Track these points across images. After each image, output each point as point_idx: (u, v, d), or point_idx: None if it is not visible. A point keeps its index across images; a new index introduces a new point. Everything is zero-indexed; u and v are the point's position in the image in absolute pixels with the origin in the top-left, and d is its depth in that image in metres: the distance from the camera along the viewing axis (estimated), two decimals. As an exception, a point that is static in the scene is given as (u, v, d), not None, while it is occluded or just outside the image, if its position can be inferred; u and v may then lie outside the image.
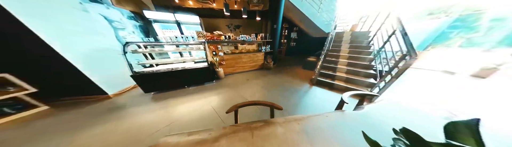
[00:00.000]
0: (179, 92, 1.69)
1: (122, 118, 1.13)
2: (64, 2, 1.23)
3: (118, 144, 0.86)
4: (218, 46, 2.16)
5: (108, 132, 0.96)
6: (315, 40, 3.93)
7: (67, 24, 1.22)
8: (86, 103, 1.39)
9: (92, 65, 1.34)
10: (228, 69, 2.41)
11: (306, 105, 1.39)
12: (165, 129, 0.99)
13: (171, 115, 1.19)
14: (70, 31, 1.24)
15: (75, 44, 1.25)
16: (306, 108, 1.33)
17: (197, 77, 1.85)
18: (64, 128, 1.02)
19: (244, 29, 4.46)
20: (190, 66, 1.78)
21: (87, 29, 1.37)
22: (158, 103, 1.40)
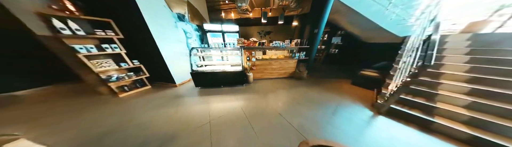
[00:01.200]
0: (216, 90, 1.98)
1: (180, 104, 1.53)
2: (170, 23, 1.92)
3: (176, 123, 1.18)
4: (252, 52, 2.33)
5: (173, 113, 1.35)
6: (371, 46, 2.94)
7: (168, 35, 1.87)
8: (166, 87, 2.08)
9: (172, 62, 1.97)
10: (257, 75, 2.46)
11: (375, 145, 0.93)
12: (207, 126, 1.13)
13: (210, 113, 1.34)
14: (169, 40, 1.89)
15: (168, 48, 1.88)
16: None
17: (231, 79, 2.04)
18: (156, 104, 1.56)
19: (275, 35, 4.74)
20: (228, 69, 2.01)
21: (175, 38, 2.02)
22: (202, 97, 1.74)
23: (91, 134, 1.03)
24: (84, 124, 1.16)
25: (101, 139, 0.98)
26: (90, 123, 1.17)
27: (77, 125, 1.16)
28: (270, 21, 3.56)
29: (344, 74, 2.88)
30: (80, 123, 1.18)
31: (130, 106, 1.48)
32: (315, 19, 2.29)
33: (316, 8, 2.28)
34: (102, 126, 1.14)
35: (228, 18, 3.82)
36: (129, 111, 1.38)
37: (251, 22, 3.95)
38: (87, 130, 1.08)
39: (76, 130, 1.09)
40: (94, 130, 1.08)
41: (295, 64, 2.57)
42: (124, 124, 1.16)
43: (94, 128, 1.11)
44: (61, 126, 1.14)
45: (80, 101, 1.59)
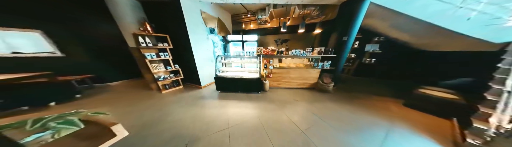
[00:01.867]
0: (233, 94, 2.08)
1: (204, 105, 1.71)
2: (203, 36, 2.33)
3: (200, 123, 1.32)
4: (270, 60, 2.33)
5: (198, 113, 1.52)
6: (435, 56, 2.21)
7: (201, 45, 2.27)
8: (193, 88, 2.43)
9: (201, 67, 2.31)
10: (273, 83, 2.38)
11: None
12: (225, 131, 1.16)
13: (229, 118, 1.39)
14: (201, 49, 2.28)
15: (200, 55, 2.26)
16: None
17: (247, 86, 2.09)
18: (185, 102, 1.84)
19: (293, 42, 4.43)
20: (245, 75, 2.10)
21: (205, 47, 2.40)
22: (221, 101, 1.87)
23: (139, 122, 1.33)
24: (136, 112, 1.52)
25: (144, 127, 1.23)
26: (139, 112, 1.53)
27: (132, 112, 1.54)
28: (288, 30, 3.57)
29: (388, 91, 2.25)
30: (133, 111, 1.56)
31: (168, 102, 1.83)
32: (344, 25, 2.03)
33: (344, 14, 2.03)
34: (146, 116, 1.44)
35: (248, 28, 4.23)
36: (167, 106, 1.70)
37: (268, 31, 4.20)
38: (138, 118, 1.40)
39: (132, 116, 1.43)
40: (142, 119, 1.39)
41: (317, 74, 2.29)
42: (162, 117, 1.41)
43: (142, 116, 1.43)
44: (120, 112, 1.54)
45: (140, 93, 2.15)
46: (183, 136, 1.11)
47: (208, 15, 2.40)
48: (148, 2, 1.94)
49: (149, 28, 1.92)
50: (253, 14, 3.31)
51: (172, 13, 1.94)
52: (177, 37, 2.09)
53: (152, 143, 1.03)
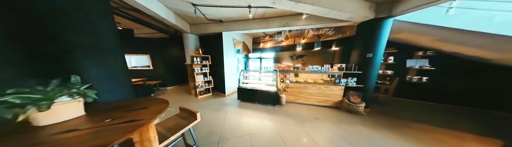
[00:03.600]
0: (252, 104, 2.22)
1: (227, 111, 1.93)
2: (232, 55, 2.90)
3: (227, 127, 1.49)
4: (287, 75, 2.41)
5: (224, 117, 1.73)
6: None
7: (230, 62, 2.81)
8: (218, 96, 2.83)
9: (227, 79, 2.76)
10: (290, 97, 2.32)
11: None
12: (247, 137, 1.26)
13: (249, 125, 1.50)
14: (229, 64, 2.80)
15: (228, 69, 2.76)
16: None
17: (265, 98, 2.19)
18: (214, 107, 2.15)
19: (309, 58, 4.31)
20: (263, 88, 2.23)
21: (232, 63, 2.92)
22: (241, 109, 2.03)
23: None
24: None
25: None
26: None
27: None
28: (303, 46, 3.76)
29: (457, 121, 1.56)
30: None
31: (202, 104, 2.25)
32: (366, 43, 1.89)
33: (364, 32, 1.92)
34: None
35: (265, 47, 4.77)
36: (202, 108, 2.07)
37: (284, 48, 4.56)
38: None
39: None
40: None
41: (341, 92, 2.04)
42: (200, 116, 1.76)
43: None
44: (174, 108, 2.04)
45: (184, 97, 2.77)
46: (216, 134, 1.33)
47: (237, 41, 3.09)
48: (203, 36, 2.89)
49: (200, 52, 2.73)
50: (270, 36, 3.81)
51: (216, 41, 2.71)
52: (215, 56, 2.79)
53: (201, 133, 1.33)
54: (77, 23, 0.78)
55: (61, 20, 0.73)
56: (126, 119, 0.50)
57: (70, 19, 0.75)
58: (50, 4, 0.70)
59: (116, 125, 0.47)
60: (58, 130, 0.44)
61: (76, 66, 0.78)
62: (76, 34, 0.78)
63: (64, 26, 0.74)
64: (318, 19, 2.02)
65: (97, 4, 0.89)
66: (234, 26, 2.49)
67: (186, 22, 2.55)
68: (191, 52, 2.72)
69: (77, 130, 0.44)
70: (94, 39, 0.86)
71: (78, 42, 0.79)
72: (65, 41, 0.75)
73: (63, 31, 0.74)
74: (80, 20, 0.79)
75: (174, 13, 2.13)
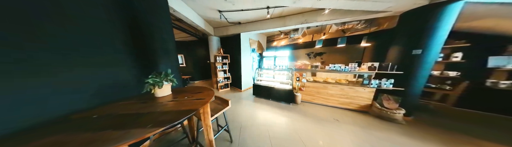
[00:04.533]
0: (266, 101, 2.34)
1: (245, 104, 2.16)
2: (248, 54, 3.10)
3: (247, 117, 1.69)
4: (304, 73, 2.29)
5: (243, 109, 1.96)
6: None
7: (246, 60, 3.05)
8: (235, 90, 3.16)
9: (243, 75, 3.02)
10: (306, 97, 2.26)
11: None
12: (264, 128, 1.39)
13: (265, 119, 1.62)
14: (245, 62, 3.04)
15: (244, 67, 3.02)
16: None
17: (279, 95, 2.24)
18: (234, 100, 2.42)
19: (330, 56, 3.72)
20: (277, 85, 2.30)
21: (247, 62, 3.15)
22: (256, 103, 2.21)
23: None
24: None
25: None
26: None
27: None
28: (323, 43, 3.33)
29: None
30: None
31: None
32: (412, 36, 1.47)
33: (410, 22, 1.49)
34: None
35: (279, 45, 4.46)
36: None
37: (300, 46, 4.11)
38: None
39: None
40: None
41: (370, 95, 1.74)
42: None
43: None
44: None
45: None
46: (237, 121, 1.55)
47: (253, 40, 3.26)
48: (223, 37, 3.21)
49: (221, 51, 3.05)
50: (286, 34, 3.67)
51: (234, 42, 2.97)
52: (233, 55, 3.08)
53: (228, 119, 1.57)
54: (158, 35, 1.19)
55: (155, 34, 1.16)
56: (195, 98, 0.79)
57: (159, 34, 1.19)
58: (150, 25, 1.13)
59: (192, 100, 0.74)
60: (165, 99, 0.76)
61: (156, 63, 1.19)
62: (159, 42, 1.21)
63: (156, 38, 1.17)
64: (344, 13, 1.78)
65: (167, 21, 1.32)
66: (251, 27, 2.62)
67: (211, 26, 2.91)
68: (215, 52, 3.08)
69: (175, 101, 0.74)
70: (165, 45, 1.27)
71: (158, 47, 1.20)
72: (153, 47, 1.17)
73: (153, 41, 1.16)
74: (160, 33, 1.20)
75: (204, 20, 2.49)
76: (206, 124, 0.83)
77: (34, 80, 0.56)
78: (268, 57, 3.97)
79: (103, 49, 0.83)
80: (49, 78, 0.60)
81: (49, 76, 0.60)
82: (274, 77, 2.82)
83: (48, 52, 0.60)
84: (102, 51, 0.82)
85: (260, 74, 2.83)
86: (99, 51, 0.81)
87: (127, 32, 0.99)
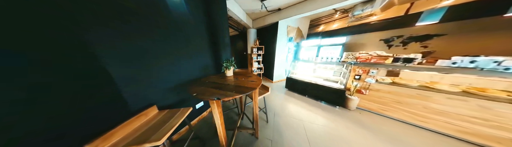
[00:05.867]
0: (299, 96, 2.16)
1: (276, 95, 2.23)
2: (283, 44, 2.93)
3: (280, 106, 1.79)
4: (373, 70, 1.64)
5: (275, 98, 2.14)
6: None
7: (280, 51, 2.96)
8: (266, 81, 3.40)
9: (276, 67, 3.06)
10: (371, 105, 1.61)
11: None
12: (299, 122, 1.37)
13: (300, 114, 1.54)
14: (279, 54, 2.98)
15: (278, 58, 3.00)
16: None
17: (320, 94, 1.88)
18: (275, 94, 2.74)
19: (451, 40, 1.59)
20: (320, 82, 1.90)
21: (282, 53, 3.03)
22: (288, 97, 2.14)
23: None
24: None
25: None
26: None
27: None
28: (448, 15, 1.53)
29: None
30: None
31: None
32: None
33: None
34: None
35: (328, 30, 3.21)
36: None
37: (370, 27, 2.41)
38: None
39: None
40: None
41: None
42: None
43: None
44: None
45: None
46: (270, 108, 1.68)
47: (291, 27, 2.91)
48: (260, 29, 3.22)
49: (257, 43, 3.18)
50: (344, 11, 2.57)
51: (270, 32, 2.90)
52: (268, 47, 3.10)
53: (260, 104, 1.74)
54: (221, 32, 1.55)
55: (219, 32, 1.54)
56: (249, 80, 1.03)
57: (221, 31, 1.55)
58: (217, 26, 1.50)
59: (248, 81, 0.99)
60: (231, 78, 1.09)
61: (220, 53, 1.61)
62: (221, 38, 1.58)
63: (220, 35, 1.55)
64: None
65: (225, 21, 1.62)
66: (292, 11, 2.28)
67: (251, 18, 2.97)
68: (251, 44, 3.29)
69: (237, 80, 1.03)
70: (225, 40, 1.63)
71: (221, 42, 1.58)
72: (218, 42, 1.57)
73: (218, 38, 1.55)
74: (222, 31, 1.55)
75: (245, 13, 2.60)
76: (255, 101, 0.99)
77: (188, 62, 1.20)
78: (308, 46, 3.32)
79: (202, 46, 1.37)
80: (191, 61, 1.22)
81: (189, 61, 1.21)
82: (315, 71, 2.43)
83: (187, 51, 1.09)
84: (202, 47, 1.38)
85: (296, 67, 2.58)
86: (201, 47, 1.37)
87: (208, 33, 1.45)
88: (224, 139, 0.80)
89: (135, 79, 0.77)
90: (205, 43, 1.44)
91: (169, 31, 0.99)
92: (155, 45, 0.90)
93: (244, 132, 1.19)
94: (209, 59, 1.53)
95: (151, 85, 0.88)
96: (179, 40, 1.10)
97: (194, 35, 1.27)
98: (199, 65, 1.37)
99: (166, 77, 1.00)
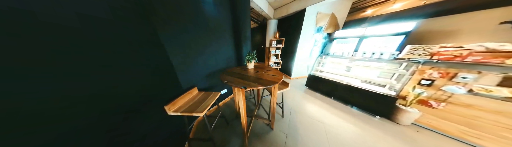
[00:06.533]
0: (323, 97, 1.94)
1: (293, 92, 2.14)
2: (308, 36, 2.62)
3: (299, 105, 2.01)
4: (467, 74, 1.03)
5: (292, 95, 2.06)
6: None
7: (303, 45, 2.70)
8: (285, 77, 3.31)
9: (296, 62, 2.90)
10: (445, 124, 1.14)
11: None
12: (320, 124, 1.29)
13: (322, 116, 1.42)
14: (302, 47, 2.73)
15: (300, 52, 2.78)
16: None
17: (353, 97, 1.57)
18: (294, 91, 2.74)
19: None
20: (356, 84, 1.57)
21: (306, 46, 2.75)
22: (307, 96, 2.01)
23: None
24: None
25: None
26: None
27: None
28: None
29: None
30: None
31: None
32: None
33: None
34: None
35: (381, 13, 2.36)
36: None
37: (465, 4, 1.48)
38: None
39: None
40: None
41: None
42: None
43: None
44: None
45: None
46: (288, 104, 1.70)
47: (323, 14, 2.47)
48: (281, 19, 2.99)
49: (277, 35, 3.02)
50: None
51: (293, 22, 2.64)
52: (289, 39, 2.90)
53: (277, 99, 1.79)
54: (243, 25, 1.65)
55: (241, 24, 1.62)
56: (270, 73, 1.08)
57: (243, 24, 1.65)
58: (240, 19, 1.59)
59: (269, 75, 1.04)
60: (252, 71, 1.19)
61: (240, 46, 1.73)
62: (243, 31, 1.70)
63: (241, 28, 1.64)
64: None
65: (247, 14, 1.71)
66: None
67: (272, 7, 2.79)
68: (271, 36, 3.20)
69: (258, 73, 1.12)
70: (246, 33, 1.75)
71: (242, 35, 1.70)
72: (240, 35, 1.69)
73: (240, 31, 1.67)
74: (243, 24, 1.66)
75: (267, 2, 2.46)
76: (274, 95, 1.01)
77: (217, 54, 1.44)
78: (344, 38, 2.45)
79: (226, 40, 1.57)
80: (218, 53, 1.46)
81: (218, 53, 1.46)
82: (350, 69, 1.99)
83: (216, 45, 1.28)
84: (226, 41, 1.58)
85: (323, 63, 2.20)
86: (226, 41, 1.57)
87: (231, 28, 1.59)
88: (245, 122, 0.96)
89: (184, 66, 1.06)
90: (229, 37, 1.59)
91: (204, 27, 1.18)
92: (194, 39, 1.11)
93: (260, 121, 1.32)
94: (231, 52, 1.71)
95: (192, 72, 1.15)
96: (210, 35, 1.28)
97: (221, 30, 1.43)
98: (224, 57, 1.59)
99: (201, 66, 1.26)
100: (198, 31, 1.12)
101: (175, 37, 0.92)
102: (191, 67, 1.12)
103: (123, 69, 0.56)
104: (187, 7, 0.98)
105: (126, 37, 0.57)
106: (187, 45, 1.04)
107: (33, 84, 0.34)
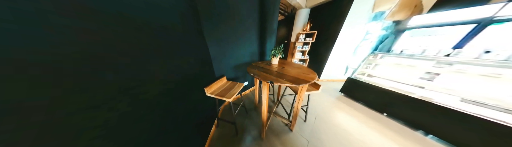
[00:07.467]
0: (368, 111, 1.51)
1: (325, 99, 1.83)
2: (360, 27, 2.08)
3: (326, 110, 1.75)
4: None
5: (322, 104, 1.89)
6: None
7: (345, 40, 2.26)
8: None
9: (330, 60, 2.53)
10: None
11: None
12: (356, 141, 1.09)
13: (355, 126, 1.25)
14: (342, 41, 2.27)
15: (338, 48, 2.37)
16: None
17: (438, 122, 1.07)
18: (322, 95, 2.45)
19: None
20: (448, 103, 1.00)
21: (348, 40, 2.25)
22: (339, 103, 1.69)
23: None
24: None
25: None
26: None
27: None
28: None
29: None
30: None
31: None
32: None
33: None
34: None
35: None
36: None
37: None
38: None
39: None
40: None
41: None
42: None
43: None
44: None
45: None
46: (314, 109, 1.57)
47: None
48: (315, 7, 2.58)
49: (308, 27, 2.71)
50: None
51: (335, 9, 2.20)
52: (324, 31, 2.50)
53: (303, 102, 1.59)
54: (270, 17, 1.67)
55: (268, 17, 1.65)
56: (302, 71, 1.09)
57: (271, 16, 1.66)
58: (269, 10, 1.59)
59: (302, 73, 1.01)
60: (276, 66, 1.22)
61: (265, 39, 1.78)
62: (270, 24, 1.72)
63: (268, 20, 1.68)
64: None
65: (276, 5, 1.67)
66: None
67: (305, -7, 2.56)
68: (299, 30, 2.93)
69: (283, 68, 1.13)
70: (273, 25, 1.76)
71: (267, 28, 1.73)
72: (266, 27, 1.72)
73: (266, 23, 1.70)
74: (271, 16, 1.67)
75: None
76: (300, 96, 0.95)
77: (243, 48, 1.61)
78: (431, 27, 1.57)
79: (252, 34, 1.65)
80: (245, 47, 1.61)
81: (244, 46, 1.60)
82: (435, 78, 1.27)
83: (243, 39, 1.38)
84: (252, 35, 1.66)
85: (375, 65, 1.72)
86: (252, 35, 1.66)
87: (258, 20, 1.63)
88: (265, 116, 1.02)
89: (219, 57, 1.30)
90: (255, 30, 1.68)
91: (236, 18, 1.31)
92: (226, 31, 1.27)
93: (278, 120, 1.32)
94: (255, 46, 1.81)
95: (223, 62, 1.38)
96: (241, 27, 1.41)
97: (248, 23, 1.51)
98: (249, 51, 1.74)
99: (229, 58, 1.45)
100: (230, 23, 1.25)
101: (213, 29, 1.10)
102: (223, 58, 1.34)
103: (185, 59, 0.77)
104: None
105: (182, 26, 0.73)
106: (221, 37, 1.22)
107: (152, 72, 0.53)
